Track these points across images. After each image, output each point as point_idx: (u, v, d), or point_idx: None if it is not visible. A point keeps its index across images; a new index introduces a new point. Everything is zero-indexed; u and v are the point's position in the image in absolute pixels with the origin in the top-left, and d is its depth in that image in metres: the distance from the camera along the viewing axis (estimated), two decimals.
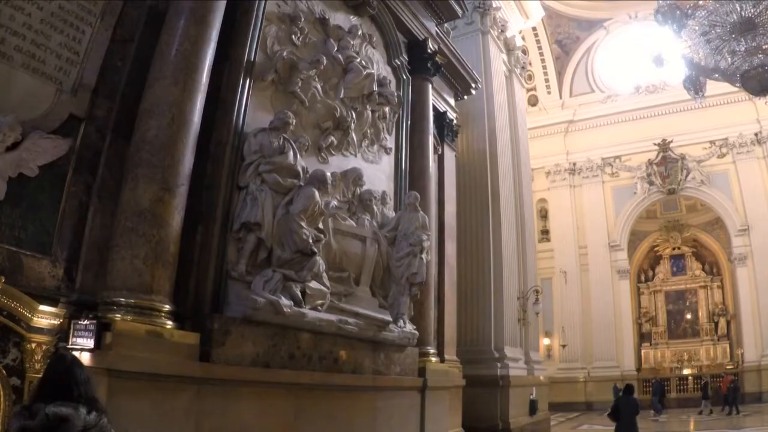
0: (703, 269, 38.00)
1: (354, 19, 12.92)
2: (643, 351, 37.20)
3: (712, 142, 34.95)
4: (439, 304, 15.83)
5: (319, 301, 9.67)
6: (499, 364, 19.70)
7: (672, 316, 38.03)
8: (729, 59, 10.22)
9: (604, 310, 34.84)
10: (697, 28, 10.20)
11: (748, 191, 33.41)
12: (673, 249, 38.73)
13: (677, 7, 10.16)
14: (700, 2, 10.03)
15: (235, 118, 9.21)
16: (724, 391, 28.77)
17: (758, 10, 9.80)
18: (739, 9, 9.78)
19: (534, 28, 35.25)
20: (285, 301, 8.79)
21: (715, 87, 13.47)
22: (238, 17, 9.77)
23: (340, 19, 12.44)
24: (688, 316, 37.71)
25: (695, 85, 10.90)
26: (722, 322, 36.35)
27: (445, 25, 17.95)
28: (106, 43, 8.24)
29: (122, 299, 6.93)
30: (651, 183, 35.86)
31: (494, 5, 25.10)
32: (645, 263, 39.56)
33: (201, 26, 8.49)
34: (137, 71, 8.30)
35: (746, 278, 33.01)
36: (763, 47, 9.94)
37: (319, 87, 11.25)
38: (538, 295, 24.49)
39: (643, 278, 39.19)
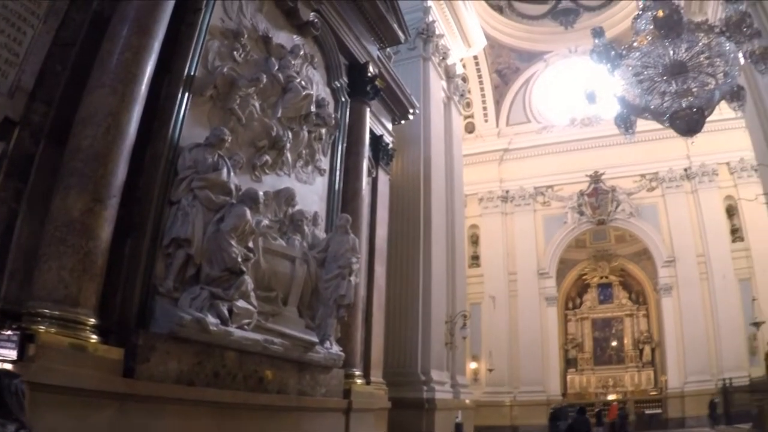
0: (629, 298, 39.11)
1: (297, 39, 12.96)
2: (569, 376, 37.85)
3: (642, 176, 36.10)
4: (367, 326, 15.83)
5: (246, 320, 9.60)
6: (425, 387, 19.81)
7: (598, 343, 38.86)
8: (659, 100, 10.44)
9: (532, 336, 35.27)
10: (630, 68, 10.40)
11: (676, 224, 34.71)
12: (601, 278, 39.74)
13: (612, 47, 10.37)
14: (635, 44, 10.25)
15: (171, 131, 9.10)
16: (611, 419, 29.26)
17: (690, 55, 10.06)
18: (671, 52, 10.01)
19: (475, 57, 35.98)
20: (211, 319, 8.71)
21: (647, 123, 13.82)
22: (182, 29, 9.67)
23: (283, 38, 12.46)
24: (614, 344, 38.63)
25: (626, 123, 11.10)
26: (647, 349, 37.45)
27: (388, 49, 18.09)
28: (47, 46, 8.06)
29: (47, 310, 6.75)
30: (581, 213, 36.66)
31: (437, 32, 25.57)
32: (573, 291, 40.44)
33: (144, 36, 8.40)
34: (77, 77, 8.13)
35: (671, 308, 34.03)
36: (693, 90, 10.17)
37: (257, 105, 11.22)
38: (465, 319, 24.80)
39: (570, 305, 40.06)
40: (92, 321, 7.13)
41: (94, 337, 7.10)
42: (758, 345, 28.91)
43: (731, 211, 33.96)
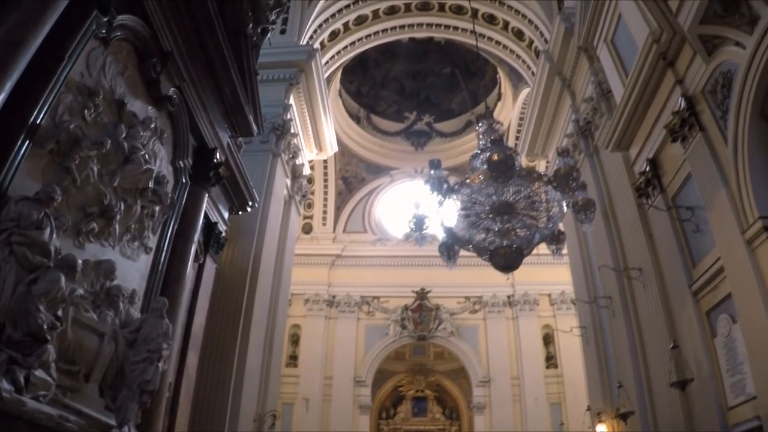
0: (443, 413, 39.88)
1: (151, 111, 12.57)
2: None
3: (467, 298, 37.87)
4: (171, 415, 15.04)
5: (43, 392, 8.94)
6: None
7: None
8: (483, 235, 10.83)
9: None
10: (459, 202, 10.77)
11: (494, 347, 36.44)
12: (417, 391, 40.41)
13: (446, 180, 10.73)
14: (467, 181, 10.63)
15: (2, 178, 8.53)
16: None
17: (518, 198, 10.50)
18: (500, 194, 10.42)
19: (325, 160, 36.82)
20: (5, 385, 8.02)
21: None
22: (38, 74, 9.14)
23: (137, 106, 12.06)
24: None
25: (449, 252, 11.54)
26: None
27: (241, 138, 17.96)
28: None
29: None
30: (404, 327, 37.53)
31: (292, 131, 25.89)
32: (388, 401, 40.87)
33: None
34: None
35: (483, 425, 35.10)
36: (516, 230, 10.61)
37: (95, 169, 10.66)
38: (275, 419, 24.29)
39: (384, 415, 40.31)
40: None
41: None
42: None
43: (548, 339, 36.28)
